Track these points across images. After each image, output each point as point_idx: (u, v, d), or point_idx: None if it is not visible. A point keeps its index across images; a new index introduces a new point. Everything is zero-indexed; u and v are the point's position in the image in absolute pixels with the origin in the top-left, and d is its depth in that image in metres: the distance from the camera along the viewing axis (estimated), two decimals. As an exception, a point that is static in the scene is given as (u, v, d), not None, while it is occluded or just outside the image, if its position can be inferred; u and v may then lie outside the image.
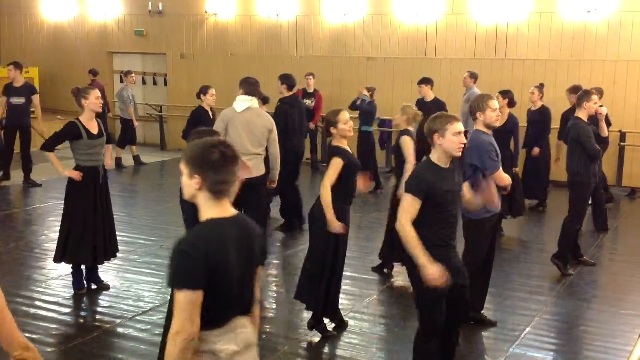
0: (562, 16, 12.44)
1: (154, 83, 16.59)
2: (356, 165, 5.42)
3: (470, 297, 5.70)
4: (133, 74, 13.92)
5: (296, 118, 8.98)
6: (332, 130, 5.35)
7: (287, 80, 9.35)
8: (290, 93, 9.26)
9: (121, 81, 13.63)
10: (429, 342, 4.42)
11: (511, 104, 9.15)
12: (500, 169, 5.52)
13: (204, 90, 9.48)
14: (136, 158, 13.72)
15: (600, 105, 8.20)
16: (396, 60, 13.77)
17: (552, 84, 11.44)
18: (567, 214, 7.40)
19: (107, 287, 6.62)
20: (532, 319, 6.08)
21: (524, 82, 12.64)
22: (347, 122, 5.31)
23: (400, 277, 7.14)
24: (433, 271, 4.10)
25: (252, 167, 6.70)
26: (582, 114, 7.21)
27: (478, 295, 5.84)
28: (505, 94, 9.17)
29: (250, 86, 6.96)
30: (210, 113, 9.35)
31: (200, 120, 8.69)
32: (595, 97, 7.23)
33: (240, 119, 6.80)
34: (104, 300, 6.41)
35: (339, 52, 14.30)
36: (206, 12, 15.47)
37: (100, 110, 6.43)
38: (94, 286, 6.62)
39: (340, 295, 6.54)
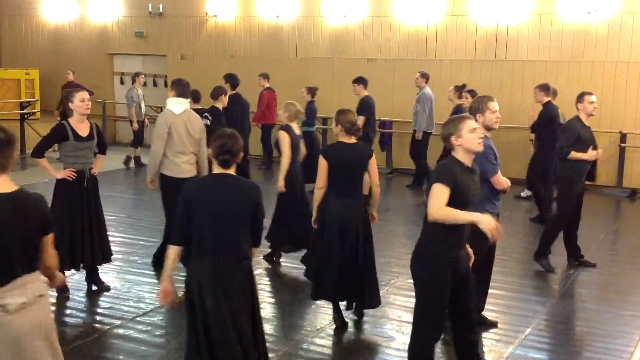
0: (562, 17, 12.45)
1: (155, 85, 16.59)
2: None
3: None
4: (142, 76, 13.94)
5: (239, 115, 9.48)
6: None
7: (231, 79, 10.64)
8: (234, 92, 10.29)
9: (133, 82, 13.74)
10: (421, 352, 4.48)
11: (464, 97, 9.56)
12: (499, 172, 5.50)
13: (222, 91, 9.53)
14: (137, 159, 13.75)
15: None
16: (397, 62, 13.78)
17: (553, 85, 11.39)
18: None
19: (107, 289, 6.61)
20: (533, 320, 6.07)
21: (524, 84, 12.66)
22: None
23: (401, 277, 7.13)
24: (489, 221, 4.07)
25: (190, 166, 6.91)
26: (580, 115, 7.30)
27: (479, 296, 5.83)
28: (462, 89, 9.61)
29: (183, 88, 7.06)
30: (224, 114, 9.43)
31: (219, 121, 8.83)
32: (589, 97, 7.28)
33: (180, 121, 6.88)
34: (104, 301, 6.40)
35: (339, 53, 14.31)
36: (206, 13, 15.48)
37: (88, 113, 6.22)
38: (94, 287, 6.61)
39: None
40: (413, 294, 6.64)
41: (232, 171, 4.02)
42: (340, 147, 5.67)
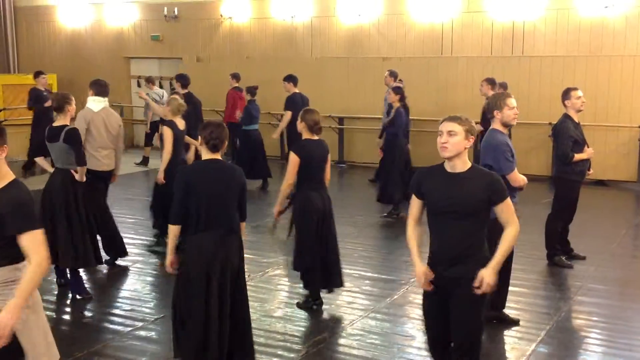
0: (579, 12, 12.35)
1: (171, 87, 16.65)
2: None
3: (492, 296, 5.68)
4: (151, 83, 14.16)
5: (191, 114, 9.66)
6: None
7: (181, 79, 11.20)
8: (185, 91, 10.79)
9: (161, 87, 14.01)
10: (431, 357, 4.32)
11: (402, 99, 9.76)
12: (516, 169, 5.47)
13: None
14: (145, 159, 13.93)
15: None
16: (412, 60, 13.73)
17: (571, 81, 11.31)
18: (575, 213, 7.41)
19: (88, 299, 6.48)
20: (554, 317, 6.03)
21: (541, 80, 12.58)
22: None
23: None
24: (418, 274, 4.01)
25: (110, 160, 7.35)
26: (569, 112, 7.25)
27: (499, 294, 5.80)
28: (398, 90, 9.74)
29: (101, 87, 7.49)
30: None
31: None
32: (576, 92, 7.24)
33: (99, 118, 7.31)
34: (125, 303, 6.45)
35: (354, 53, 14.29)
36: (221, 15, 15.53)
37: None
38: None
39: (360, 296, 6.59)
40: (433, 292, 6.66)
41: (219, 156, 4.66)
42: (310, 144, 6.02)
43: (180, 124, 7.88)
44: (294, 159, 5.94)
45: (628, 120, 12.06)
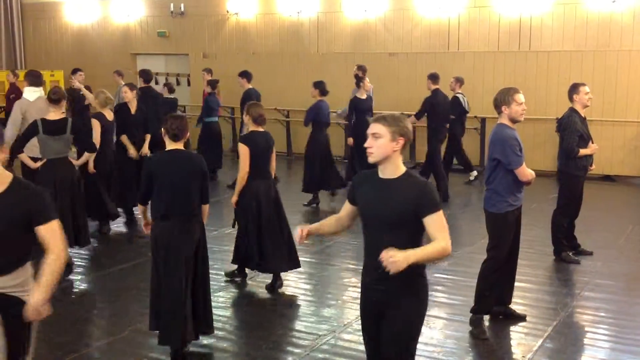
0: (586, 6, 12.28)
1: (177, 83, 16.67)
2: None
3: (498, 292, 5.68)
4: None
5: (150, 107, 10.06)
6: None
7: (143, 74, 11.58)
8: (146, 85, 11.23)
9: (156, 82, 14.07)
10: None
11: (323, 93, 10.10)
12: (524, 164, 5.45)
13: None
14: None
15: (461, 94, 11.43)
16: (418, 55, 13.70)
17: (578, 76, 11.27)
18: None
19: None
20: (561, 313, 6.01)
21: (549, 74, 12.53)
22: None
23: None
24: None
25: None
26: (577, 107, 7.24)
27: (505, 289, 5.79)
28: (318, 84, 10.12)
29: (36, 78, 8.15)
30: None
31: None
32: (584, 88, 7.23)
33: (35, 107, 7.86)
34: (137, 299, 6.47)
35: (360, 48, 14.26)
36: (227, 11, 15.53)
37: None
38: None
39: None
40: (439, 288, 6.67)
41: (181, 146, 5.10)
42: (257, 135, 6.44)
43: (109, 115, 8.58)
44: (244, 150, 6.33)
45: (635, 115, 12.00)
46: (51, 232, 3.38)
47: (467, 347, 5.40)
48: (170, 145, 5.08)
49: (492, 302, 5.65)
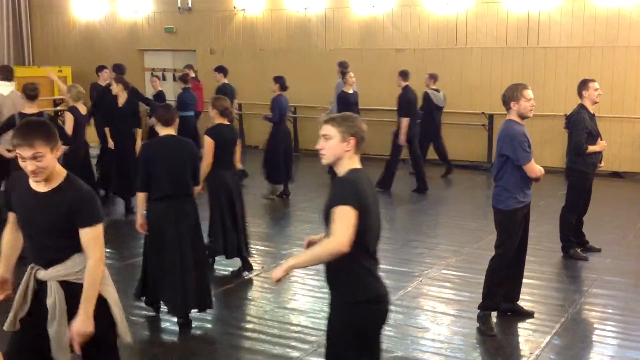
0: (595, 2, 12.22)
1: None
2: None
3: (506, 288, 5.67)
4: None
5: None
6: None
7: (117, 68, 12.00)
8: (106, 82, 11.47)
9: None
10: None
11: (283, 88, 10.54)
12: (532, 160, 5.43)
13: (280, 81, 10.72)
14: None
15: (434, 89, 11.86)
16: (426, 52, 13.66)
17: (586, 72, 11.23)
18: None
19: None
20: (569, 309, 6.00)
21: (557, 70, 12.48)
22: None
23: (434, 268, 7.09)
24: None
25: None
26: (586, 103, 7.22)
27: (513, 285, 5.78)
28: (278, 79, 10.59)
29: (7, 73, 8.48)
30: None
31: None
32: (593, 84, 7.23)
33: (10, 101, 8.09)
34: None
35: (368, 44, 14.24)
36: (235, 7, 15.52)
37: None
38: None
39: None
40: (447, 284, 6.67)
41: (172, 131, 5.60)
42: (223, 128, 6.68)
43: (82, 109, 8.85)
44: (209, 142, 6.55)
45: (645, 112, 11.95)
46: (92, 237, 3.41)
47: (474, 344, 5.40)
48: (163, 131, 5.57)
49: (500, 299, 5.64)
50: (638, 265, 7.35)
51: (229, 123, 6.82)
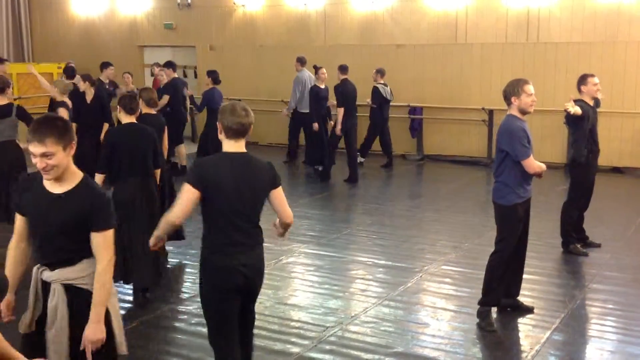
0: (595, -3, 12.19)
1: (185, 76, 16.66)
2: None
3: (506, 284, 5.68)
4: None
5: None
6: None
7: (66, 70, 12.35)
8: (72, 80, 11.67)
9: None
10: None
11: (216, 82, 11.34)
12: (531, 156, 5.42)
13: (212, 75, 11.42)
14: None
15: (382, 84, 12.38)
16: (426, 47, 13.65)
17: (587, 67, 11.19)
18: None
19: None
20: (569, 305, 6.00)
21: (557, 66, 12.47)
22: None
23: (434, 264, 7.10)
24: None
25: None
26: (585, 98, 7.21)
27: (513, 281, 5.78)
28: (211, 73, 11.48)
29: None
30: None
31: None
32: (592, 79, 7.22)
33: None
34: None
35: (368, 40, 14.22)
36: (234, 3, 15.50)
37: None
38: None
39: (374, 284, 6.60)
40: (447, 280, 6.67)
41: (134, 119, 6.13)
42: (148, 117, 6.89)
43: (69, 103, 9.13)
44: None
45: (645, 107, 11.93)
46: (103, 241, 3.40)
47: (474, 339, 5.40)
48: (126, 119, 6.09)
49: (500, 294, 5.64)
50: (638, 260, 7.35)
51: (154, 112, 7.23)
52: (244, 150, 3.87)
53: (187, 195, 3.72)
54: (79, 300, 3.41)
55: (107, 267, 3.40)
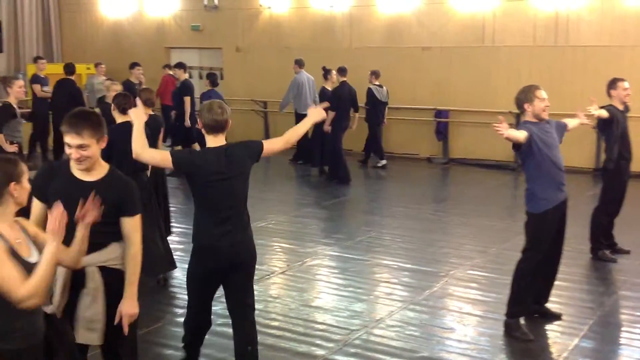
0: (624, 0, 12.01)
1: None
2: None
3: (537, 289, 5.60)
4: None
5: (66, 96, 11.53)
6: None
7: (66, 67, 12.90)
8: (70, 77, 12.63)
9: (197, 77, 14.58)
10: None
11: (214, 84, 11.57)
12: (518, 133, 5.30)
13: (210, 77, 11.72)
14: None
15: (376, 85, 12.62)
16: (453, 50, 13.56)
17: (616, 71, 11.00)
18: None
19: None
20: (597, 312, 5.92)
21: (586, 70, 12.31)
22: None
23: (460, 269, 7.04)
24: None
25: None
26: (614, 102, 7.13)
27: (544, 287, 5.71)
28: (210, 76, 11.92)
29: None
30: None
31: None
32: (622, 83, 7.14)
33: None
34: (170, 290, 6.54)
35: (393, 42, 14.16)
36: (261, 5, 15.55)
37: (24, 97, 8.35)
38: None
39: (399, 287, 6.57)
40: (473, 285, 6.61)
41: (129, 118, 6.03)
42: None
43: None
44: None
45: (676, 112, 11.72)
46: (134, 225, 3.63)
47: (500, 345, 5.35)
48: (120, 119, 6.39)
49: (528, 305, 5.55)
50: (668, 267, 7.23)
51: (152, 113, 7.29)
52: (222, 143, 4.27)
53: (165, 157, 4.24)
54: (112, 280, 3.60)
55: (139, 249, 3.64)
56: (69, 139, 3.43)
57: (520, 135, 5.20)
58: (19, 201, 3.02)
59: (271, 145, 4.44)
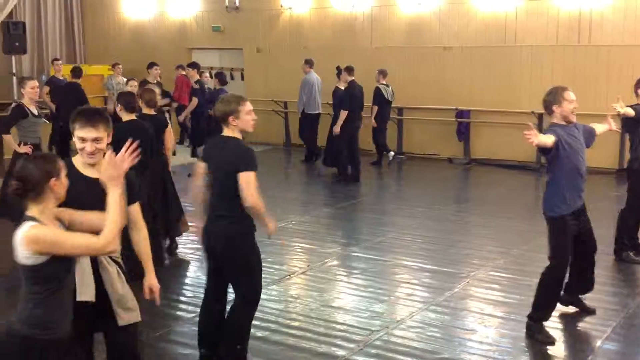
0: (650, -1, 11.87)
1: (232, 78, 16.80)
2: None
3: (569, 281, 5.57)
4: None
5: (71, 98, 11.60)
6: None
7: (74, 71, 12.81)
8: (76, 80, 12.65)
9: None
10: None
11: (222, 83, 11.80)
12: (546, 137, 5.23)
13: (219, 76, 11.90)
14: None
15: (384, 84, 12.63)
16: (474, 50, 13.48)
17: (640, 70, 10.93)
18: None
19: None
20: (621, 314, 5.85)
21: (609, 70, 12.18)
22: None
23: (482, 270, 7.00)
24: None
25: None
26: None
27: (581, 279, 5.68)
28: (218, 75, 12.17)
29: None
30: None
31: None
32: None
33: None
34: (186, 289, 6.59)
35: (414, 42, 14.11)
36: (281, 6, 15.58)
37: (37, 97, 8.09)
38: None
39: (420, 288, 6.54)
40: (494, 286, 6.57)
41: (134, 116, 6.72)
42: (146, 117, 7.11)
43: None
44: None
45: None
46: (139, 211, 3.86)
47: (522, 347, 5.30)
48: (127, 117, 6.60)
49: (552, 311, 5.48)
50: (694, 269, 7.13)
51: (154, 113, 7.38)
52: (227, 134, 4.65)
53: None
54: (121, 268, 3.74)
55: (146, 233, 3.88)
56: (85, 132, 3.53)
57: (549, 140, 5.14)
58: (58, 196, 3.19)
59: (241, 188, 4.49)
